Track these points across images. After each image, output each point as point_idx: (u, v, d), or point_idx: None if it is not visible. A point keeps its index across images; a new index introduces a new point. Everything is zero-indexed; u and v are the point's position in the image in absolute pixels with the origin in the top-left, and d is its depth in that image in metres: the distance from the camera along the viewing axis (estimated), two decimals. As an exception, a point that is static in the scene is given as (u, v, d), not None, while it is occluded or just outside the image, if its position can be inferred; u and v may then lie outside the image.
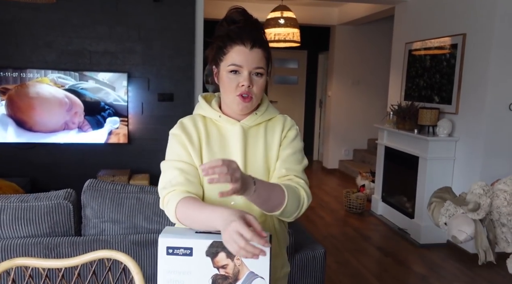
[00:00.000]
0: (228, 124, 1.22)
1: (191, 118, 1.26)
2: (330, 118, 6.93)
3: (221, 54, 1.17)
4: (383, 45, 6.53)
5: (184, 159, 1.19)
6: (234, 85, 1.15)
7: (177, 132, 1.22)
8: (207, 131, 1.23)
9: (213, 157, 1.19)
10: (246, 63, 1.14)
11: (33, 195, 1.77)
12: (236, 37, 1.13)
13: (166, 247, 1.02)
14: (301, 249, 1.97)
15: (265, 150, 1.22)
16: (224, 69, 1.16)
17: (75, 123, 3.88)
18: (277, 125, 1.26)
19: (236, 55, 1.14)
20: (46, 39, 3.82)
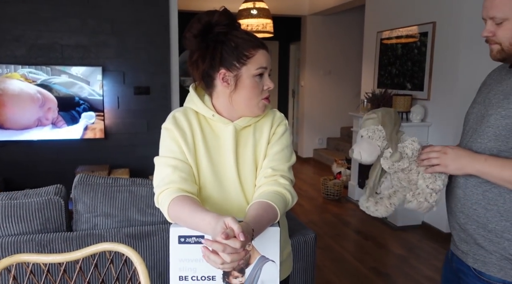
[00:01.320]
0: (221, 124, 1.21)
1: (183, 112, 1.23)
2: (303, 108, 7.02)
3: (243, 58, 1.13)
4: (354, 34, 6.65)
5: (178, 156, 1.17)
6: (260, 89, 1.18)
7: (170, 127, 1.20)
8: (202, 129, 1.21)
9: (210, 158, 1.19)
10: (269, 65, 1.19)
11: (21, 192, 1.73)
12: (253, 39, 1.15)
13: (178, 236, 1.03)
14: (293, 234, 2.02)
15: (254, 149, 1.22)
16: (249, 73, 1.14)
17: (48, 119, 3.77)
18: (266, 123, 1.25)
19: (263, 59, 1.16)
20: (14, 33, 3.68)
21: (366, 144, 1.36)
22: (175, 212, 1.07)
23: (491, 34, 1.19)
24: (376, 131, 1.36)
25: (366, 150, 1.35)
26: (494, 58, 1.23)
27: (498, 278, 1.20)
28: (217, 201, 1.20)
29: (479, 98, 1.33)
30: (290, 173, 1.22)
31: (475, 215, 1.24)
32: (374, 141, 1.35)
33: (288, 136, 1.27)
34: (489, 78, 1.37)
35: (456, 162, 1.22)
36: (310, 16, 6.62)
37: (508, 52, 1.19)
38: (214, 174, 1.20)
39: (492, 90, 1.27)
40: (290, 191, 1.17)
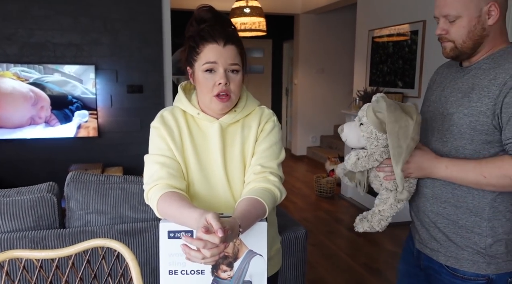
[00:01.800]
0: (207, 122, 1.23)
1: (171, 111, 1.25)
2: (297, 106, 7.05)
3: (194, 54, 1.17)
4: (346, 33, 6.69)
5: (166, 153, 1.20)
6: (211, 85, 1.16)
7: (157, 125, 1.23)
8: (189, 128, 1.23)
9: (197, 156, 1.21)
10: (220, 60, 1.14)
11: (14, 190, 1.74)
12: (208, 36, 1.14)
13: (168, 231, 1.06)
14: (284, 230, 2.04)
15: (241, 146, 1.23)
16: (199, 69, 1.17)
17: (41, 118, 3.77)
18: (254, 120, 1.26)
19: (210, 53, 1.14)
20: (5, 32, 3.67)
21: (356, 135, 1.27)
22: (163, 208, 1.09)
23: (444, 32, 1.22)
24: (373, 136, 1.24)
25: (354, 139, 1.29)
26: (447, 55, 1.26)
27: (472, 272, 1.23)
28: (205, 198, 1.23)
29: (433, 96, 1.36)
30: (279, 170, 1.24)
31: (445, 213, 1.27)
32: (366, 141, 1.26)
33: (277, 133, 1.28)
34: (438, 76, 1.41)
35: (419, 171, 1.26)
36: (303, 14, 6.66)
37: (461, 50, 1.21)
38: (202, 172, 1.22)
39: (447, 88, 1.30)
40: (279, 187, 1.20)
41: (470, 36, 1.18)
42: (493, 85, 1.15)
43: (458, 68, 1.31)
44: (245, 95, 1.28)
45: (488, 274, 1.21)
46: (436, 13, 1.23)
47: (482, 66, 1.21)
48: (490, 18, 1.17)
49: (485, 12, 1.16)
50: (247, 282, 1.10)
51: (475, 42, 1.20)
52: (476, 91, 1.18)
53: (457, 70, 1.31)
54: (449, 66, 1.39)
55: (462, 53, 1.22)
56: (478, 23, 1.17)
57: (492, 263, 1.21)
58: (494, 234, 1.21)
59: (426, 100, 1.40)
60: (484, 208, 1.21)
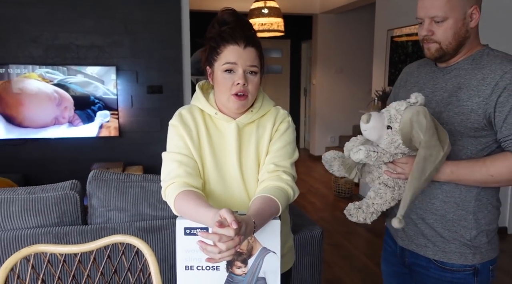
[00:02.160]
0: (224, 121, 1.26)
1: (189, 110, 1.29)
2: (315, 106, 7.04)
3: (215, 54, 1.20)
4: (365, 32, 6.64)
5: (183, 151, 1.23)
6: (229, 84, 1.19)
7: (176, 123, 1.26)
8: (206, 127, 1.27)
9: (214, 154, 1.25)
10: (240, 61, 1.17)
11: (39, 187, 1.82)
12: (229, 37, 1.17)
13: (184, 228, 1.10)
14: (300, 230, 2.07)
15: (256, 145, 1.26)
16: (218, 69, 1.20)
17: (65, 118, 3.88)
18: (269, 120, 1.29)
19: (230, 54, 1.18)
20: (31, 35, 3.80)
21: (378, 133, 1.20)
22: (180, 206, 1.13)
23: (431, 33, 1.25)
24: (396, 145, 1.20)
25: (374, 136, 1.22)
26: (432, 56, 1.28)
27: (460, 264, 1.29)
28: (220, 196, 1.26)
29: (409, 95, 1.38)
30: (292, 169, 1.27)
31: (433, 209, 1.30)
32: (385, 144, 1.21)
33: (291, 133, 1.31)
34: (409, 75, 1.44)
35: None
36: (321, 14, 6.64)
37: (446, 50, 1.25)
38: (217, 170, 1.25)
39: (426, 88, 1.34)
40: (291, 186, 1.22)
41: (456, 38, 1.24)
42: (482, 85, 1.21)
43: (434, 68, 1.35)
44: (261, 96, 1.31)
45: (475, 264, 1.29)
46: (421, 15, 1.27)
47: (463, 66, 1.27)
48: (473, 21, 1.23)
49: (469, 15, 1.23)
50: (261, 279, 1.13)
51: (459, 43, 1.25)
52: (465, 91, 1.23)
53: (434, 70, 1.35)
54: (420, 66, 1.43)
55: (446, 53, 1.26)
56: (463, 25, 1.23)
57: (476, 253, 1.28)
58: (478, 225, 1.28)
59: (399, 98, 1.41)
60: (470, 202, 1.26)
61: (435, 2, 1.21)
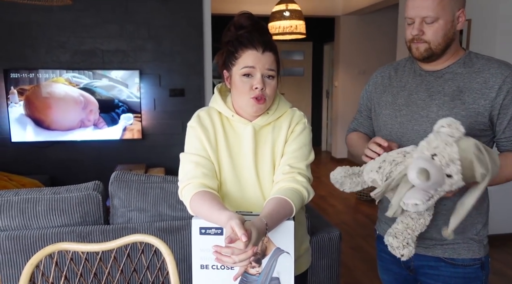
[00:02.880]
0: (240, 124, 1.28)
1: (207, 112, 1.31)
2: (337, 108, 7.00)
3: (233, 59, 1.22)
4: (388, 33, 6.56)
5: (200, 153, 1.26)
6: (248, 88, 1.20)
7: (194, 125, 1.29)
8: (224, 129, 1.29)
9: (231, 156, 1.26)
10: (258, 65, 1.19)
11: (64, 187, 1.88)
12: (247, 42, 1.19)
13: (199, 228, 1.12)
14: (317, 232, 2.07)
15: (272, 147, 1.27)
16: (236, 73, 1.22)
17: (90, 121, 3.99)
18: (284, 122, 1.30)
19: (249, 58, 1.19)
20: (59, 40, 3.93)
21: (441, 173, 1.05)
22: (196, 206, 1.16)
23: (421, 33, 1.25)
24: (452, 187, 1.07)
25: (438, 177, 1.04)
26: (420, 56, 1.28)
27: (469, 258, 1.32)
28: (236, 197, 1.28)
29: (399, 100, 1.36)
30: (307, 171, 1.27)
31: (444, 210, 1.29)
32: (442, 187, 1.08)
33: (307, 134, 1.31)
34: (389, 80, 1.43)
35: None
36: (344, 16, 6.60)
37: (435, 51, 1.26)
38: (234, 172, 1.27)
39: (419, 92, 1.33)
40: (306, 188, 1.23)
41: (445, 39, 1.25)
42: (486, 88, 1.25)
43: (421, 72, 1.35)
44: (277, 98, 1.32)
45: (481, 257, 1.33)
46: (411, 14, 1.26)
47: (456, 70, 1.30)
48: (459, 23, 1.26)
49: (456, 17, 1.25)
50: (275, 279, 1.14)
51: (447, 44, 1.26)
52: (468, 94, 1.26)
53: (421, 73, 1.35)
54: (397, 70, 1.43)
55: (434, 54, 1.27)
56: (452, 27, 1.25)
57: (481, 246, 1.33)
58: (482, 219, 1.34)
59: (384, 102, 1.41)
60: (480, 199, 1.23)
61: (427, 2, 1.22)
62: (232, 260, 0.97)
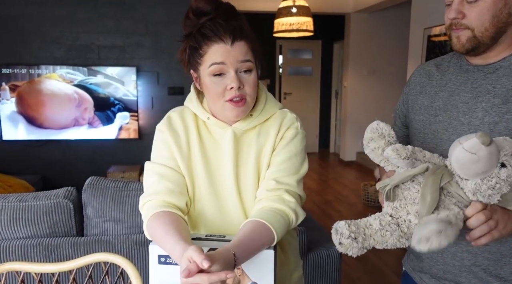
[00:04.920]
0: (218, 128, 1.06)
1: (180, 113, 1.10)
2: (346, 109, 6.76)
3: (197, 56, 0.99)
4: (400, 32, 6.30)
5: (167, 163, 1.04)
6: (221, 90, 0.98)
7: (162, 128, 1.08)
8: (199, 134, 1.07)
9: (207, 166, 1.05)
10: (229, 60, 0.96)
11: (32, 194, 1.70)
12: (211, 34, 0.96)
13: (158, 256, 0.92)
14: (315, 247, 1.85)
15: (256, 156, 1.06)
16: (205, 73, 0.99)
17: (85, 119, 3.83)
18: (273, 126, 1.07)
19: (216, 54, 0.96)
20: (53, 35, 3.77)
21: (490, 165, 0.85)
22: (151, 231, 0.95)
23: (461, 16, 0.96)
24: (493, 190, 0.84)
25: (484, 167, 0.84)
26: (462, 48, 0.98)
27: None
28: (213, 216, 1.07)
29: (437, 102, 1.07)
30: (298, 188, 1.05)
31: (486, 252, 1.00)
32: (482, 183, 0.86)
33: (299, 142, 1.08)
34: (428, 78, 1.13)
35: (506, 230, 0.89)
36: (354, 13, 6.36)
37: (481, 40, 0.96)
38: (211, 186, 1.06)
39: (461, 93, 1.03)
40: (295, 209, 1.01)
41: (494, 23, 0.93)
42: None
43: (468, 66, 1.04)
44: (264, 96, 1.09)
45: None
46: None
47: (511, 65, 0.98)
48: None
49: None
50: (251, 319, 0.93)
51: (498, 30, 0.94)
52: None
53: (467, 69, 1.04)
54: (439, 66, 1.12)
55: (482, 44, 0.96)
56: (505, 7, 0.93)
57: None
58: None
59: (418, 106, 1.13)
60: None
61: None
62: None
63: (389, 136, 0.99)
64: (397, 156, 0.89)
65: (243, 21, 1.01)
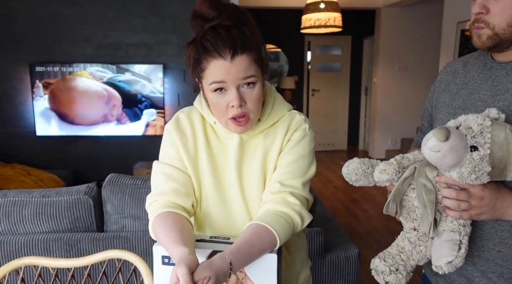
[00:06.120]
0: (224, 132, 1.06)
1: (188, 114, 1.09)
2: (376, 106, 6.62)
3: (199, 69, 0.96)
4: (432, 26, 6.10)
5: (174, 163, 1.04)
6: (224, 107, 0.96)
7: (170, 128, 1.08)
8: (206, 135, 1.07)
9: (214, 168, 1.05)
10: (229, 78, 0.93)
11: (55, 190, 1.75)
12: (211, 48, 0.92)
13: (161, 257, 0.92)
14: (333, 248, 1.83)
15: (263, 159, 1.04)
16: (207, 88, 0.97)
17: (113, 116, 3.92)
18: (280, 128, 1.05)
19: (216, 71, 0.93)
20: (84, 33, 3.87)
21: (457, 157, 0.86)
22: (155, 231, 0.96)
23: (485, 11, 0.92)
24: (480, 174, 0.87)
25: (451, 161, 0.87)
26: (483, 46, 0.95)
27: None
28: (219, 217, 1.07)
29: (457, 101, 1.04)
30: (304, 190, 1.03)
31: (499, 259, 0.96)
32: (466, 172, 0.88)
33: (307, 144, 1.06)
34: (453, 76, 1.10)
35: (493, 211, 0.89)
36: (385, 8, 6.20)
37: (503, 37, 0.92)
38: (217, 187, 1.06)
39: (481, 90, 1.00)
40: (299, 212, 0.99)
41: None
42: None
43: (491, 63, 1.01)
44: (271, 100, 1.07)
45: None
46: None
47: None
48: None
49: None
50: (253, 323, 0.93)
51: None
52: None
53: (490, 66, 1.01)
54: (467, 63, 1.09)
55: (504, 41, 0.93)
56: None
57: None
58: None
59: (440, 104, 1.10)
60: None
61: None
62: None
63: (364, 166, 1.00)
64: (386, 175, 0.93)
65: (248, 24, 0.97)
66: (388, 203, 0.96)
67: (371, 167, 1.00)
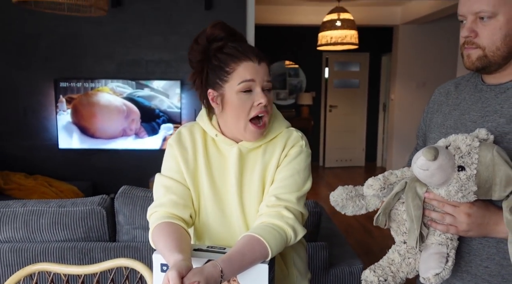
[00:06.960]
0: (225, 145, 1.13)
1: (189, 129, 1.18)
2: (393, 123, 6.59)
3: (223, 74, 1.06)
4: (449, 43, 6.09)
5: (174, 176, 1.11)
6: (248, 107, 1.05)
7: (172, 143, 1.16)
8: (207, 149, 1.13)
9: (212, 181, 1.11)
10: (258, 78, 1.05)
11: (70, 201, 1.84)
12: (240, 53, 1.05)
13: (160, 264, 0.99)
14: (337, 263, 1.85)
15: (261, 173, 1.10)
16: (232, 90, 1.05)
17: (132, 130, 4.04)
18: (278, 144, 1.13)
19: (246, 71, 1.04)
20: (107, 51, 4.03)
21: (445, 176, 0.90)
22: (154, 240, 1.03)
23: (473, 35, 0.96)
24: (463, 191, 0.90)
25: (438, 180, 0.91)
26: (472, 66, 0.99)
27: None
28: (217, 229, 1.13)
29: (449, 121, 1.08)
30: (298, 205, 1.08)
31: (486, 275, 0.98)
32: (454, 191, 0.92)
33: (303, 160, 1.12)
34: (445, 97, 1.14)
35: (480, 228, 0.92)
36: (403, 25, 6.23)
37: (492, 59, 0.96)
38: (216, 200, 1.12)
39: (471, 111, 1.03)
40: (293, 226, 1.04)
41: (507, 42, 0.94)
42: None
43: (482, 86, 1.04)
44: (272, 116, 1.15)
45: None
46: (463, 10, 0.98)
47: None
48: None
49: None
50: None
51: (510, 50, 0.95)
52: None
53: (480, 88, 1.04)
54: (459, 84, 1.13)
55: (492, 63, 0.97)
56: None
57: None
58: None
59: (433, 124, 1.14)
60: None
61: None
62: None
63: (347, 190, 1.09)
64: (372, 190, 0.97)
65: None
66: (378, 215, 1.00)
67: (355, 191, 1.07)
